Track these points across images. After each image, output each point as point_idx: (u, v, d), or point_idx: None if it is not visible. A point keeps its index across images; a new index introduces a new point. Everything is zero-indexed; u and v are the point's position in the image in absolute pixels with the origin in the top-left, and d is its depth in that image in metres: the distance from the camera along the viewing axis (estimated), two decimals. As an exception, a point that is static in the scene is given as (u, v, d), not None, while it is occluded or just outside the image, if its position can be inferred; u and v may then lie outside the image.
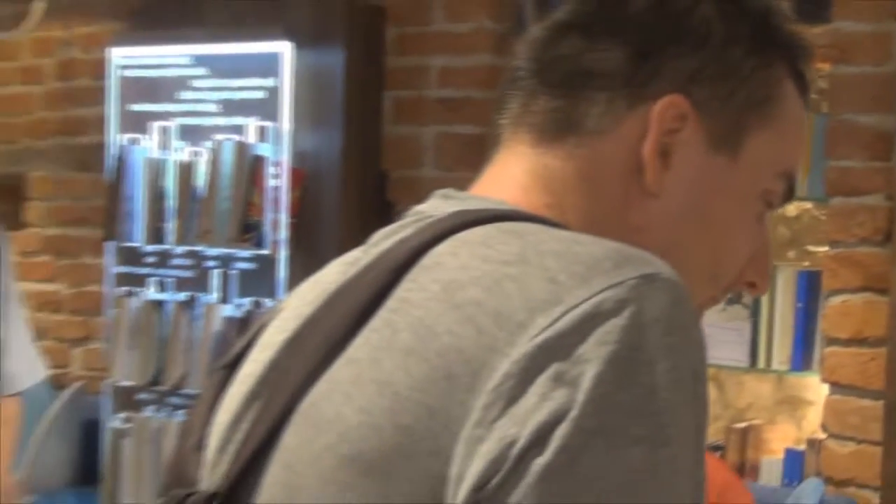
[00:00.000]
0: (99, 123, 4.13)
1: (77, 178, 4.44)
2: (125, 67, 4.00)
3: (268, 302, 3.75)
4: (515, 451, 0.81)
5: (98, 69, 4.15)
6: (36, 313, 3.37)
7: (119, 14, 4.22)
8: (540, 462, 0.81)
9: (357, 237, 3.55)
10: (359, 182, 3.74)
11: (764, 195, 1.07)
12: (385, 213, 3.74)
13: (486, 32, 3.66)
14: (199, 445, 1.07)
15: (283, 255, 3.71)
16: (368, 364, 0.93)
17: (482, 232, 0.97)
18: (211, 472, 1.04)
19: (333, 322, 0.98)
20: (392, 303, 0.94)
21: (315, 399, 0.95)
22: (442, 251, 0.96)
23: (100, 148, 4.10)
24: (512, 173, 1.07)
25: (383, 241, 1.04)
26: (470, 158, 3.61)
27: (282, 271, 3.71)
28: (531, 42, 1.09)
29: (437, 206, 1.06)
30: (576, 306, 0.84)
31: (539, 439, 0.81)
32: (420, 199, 3.17)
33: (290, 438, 0.95)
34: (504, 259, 0.91)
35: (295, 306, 1.07)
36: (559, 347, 0.83)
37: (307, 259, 3.68)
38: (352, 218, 3.71)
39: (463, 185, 1.29)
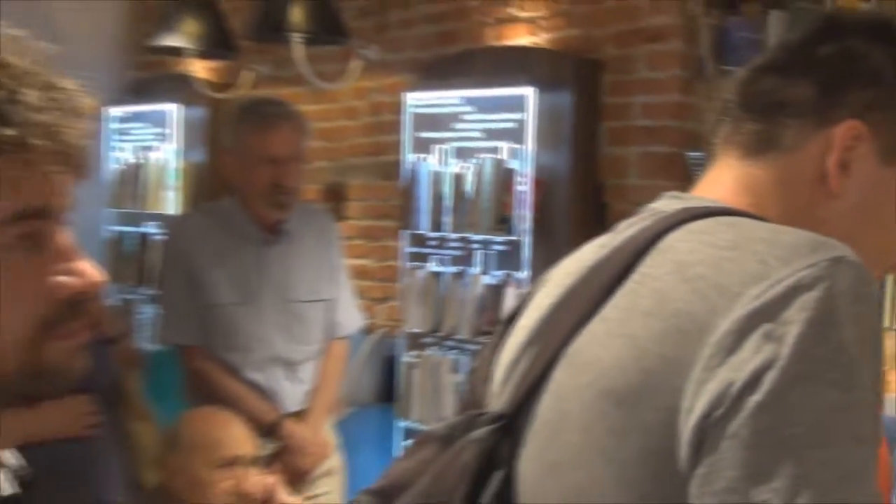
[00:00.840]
0: (397, 146, 4.19)
1: (381, 185, 4.50)
2: (416, 106, 4.06)
3: (515, 274, 3.73)
4: (734, 390, 0.80)
5: (397, 108, 4.21)
6: (353, 280, 3.45)
7: (412, 69, 4.29)
8: (753, 399, 0.79)
9: (580, 229, 3.55)
10: (582, 188, 3.71)
11: None
12: (601, 212, 3.69)
13: (676, 78, 3.59)
14: (487, 379, 1.08)
15: (527, 240, 3.69)
16: (618, 322, 0.92)
17: (704, 224, 0.95)
18: (496, 399, 1.04)
19: (591, 290, 0.97)
20: (636, 276, 0.93)
21: (577, 347, 0.94)
22: (674, 238, 0.94)
23: (398, 164, 4.16)
24: (723, 180, 1.05)
25: (627, 229, 1.02)
26: (663, 170, 3.56)
27: (526, 252, 3.70)
28: (738, 81, 1.07)
29: (668, 204, 1.04)
30: (781, 281, 0.82)
31: (752, 382, 0.80)
32: (627, 201, 3.16)
33: (559, 376, 0.95)
34: (722, 244, 0.90)
35: (559, 278, 1.06)
36: (768, 312, 0.81)
37: (545, 244, 3.65)
38: (576, 214, 3.68)
39: (658, 190, 1.24)
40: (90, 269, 0.84)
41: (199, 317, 3.08)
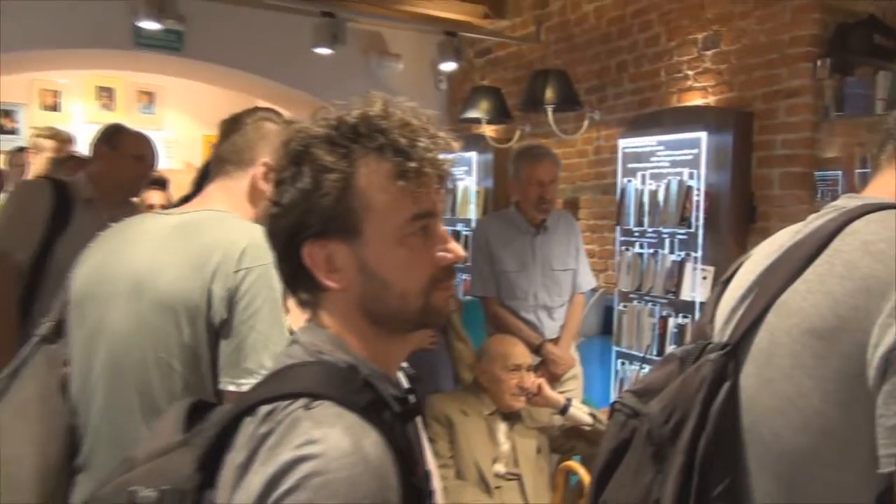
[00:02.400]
0: (613, 174, 4.08)
1: (603, 199, 4.40)
2: (625, 147, 3.94)
3: (692, 254, 3.55)
4: None
5: (613, 149, 4.11)
6: (586, 257, 3.43)
7: (623, 124, 4.16)
8: None
9: (736, 224, 3.29)
10: (738, 197, 3.48)
11: None
12: (751, 213, 3.46)
13: (806, 121, 3.32)
14: (710, 321, 1.00)
15: (700, 232, 3.52)
16: (817, 282, 0.84)
17: (881, 214, 0.86)
18: (719, 334, 0.97)
19: (793, 261, 0.89)
20: (829, 251, 0.85)
21: (785, 298, 0.87)
22: (858, 224, 0.86)
23: (614, 185, 4.05)
24: (889, 185, 0.94)
25: (816, 220, 0.94)
26: (797, 184, 3.31)
27: (699, 240, 3.53)
28: (890, 120, 0.97)
29: (847, 202, 0.93)
30: None
31: None
32: (770, 205, 2.90)
33: (771, 318, 0.87)
34: None
35: (762, 253, 0.98)
36: None
37: (712, 234, 3.48)
38: (734, 215, 3.46)
39: (793, 199, 1.03)
40: (458, 248, 0.87)
41: (494, 279, 3.15)
